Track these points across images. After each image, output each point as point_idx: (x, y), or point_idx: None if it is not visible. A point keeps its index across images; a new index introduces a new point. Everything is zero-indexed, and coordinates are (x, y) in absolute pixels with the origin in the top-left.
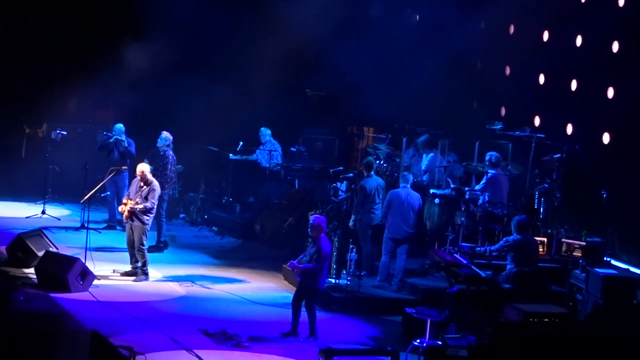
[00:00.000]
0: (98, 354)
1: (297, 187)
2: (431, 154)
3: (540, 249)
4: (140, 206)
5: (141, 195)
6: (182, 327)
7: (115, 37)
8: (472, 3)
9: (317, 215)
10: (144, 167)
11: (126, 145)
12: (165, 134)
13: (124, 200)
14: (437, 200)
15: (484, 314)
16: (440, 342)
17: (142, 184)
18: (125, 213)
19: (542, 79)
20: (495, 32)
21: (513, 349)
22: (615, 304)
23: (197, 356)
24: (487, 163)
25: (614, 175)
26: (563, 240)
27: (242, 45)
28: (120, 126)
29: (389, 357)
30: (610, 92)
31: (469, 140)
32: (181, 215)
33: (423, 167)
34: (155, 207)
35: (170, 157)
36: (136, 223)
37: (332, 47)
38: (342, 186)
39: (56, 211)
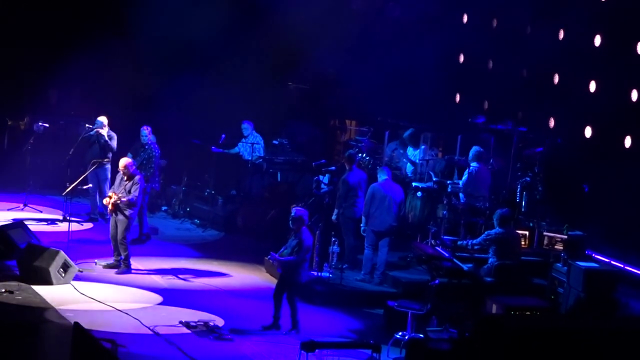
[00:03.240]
0: (80, 347)
1: (279, 180)
2: (421, 147)
3: (522, 243)
4: (125, 199)
5: (125, 189)
6: (163, 319)
7: (98, 29)
8: None
9: (299, 208)
10: (126, 162)
11: (106, 139)
12: (145, 129)
13: (109, 194)
14: (419, 194)
15: (466, 307)
16: (422, 335)
17: (125, 178)
18: (110, 207)
19: (524, 72)
20: (478, 26)
21: (495, 342)
22: (597, 297)
23: (179, 348)
24: (470, 157)
25: (595, 169)
26: (545, 233)
27: (225, 38)
28: (102, 119)
29: (371, 350)
30: (592, 86)
31: (452, 133)
32: (163, 208)
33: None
34: (139, 200)
35: (157, 150)
36: (120, 217)
37: (314, 41)
38: (325, 179)
39: (38, 203)
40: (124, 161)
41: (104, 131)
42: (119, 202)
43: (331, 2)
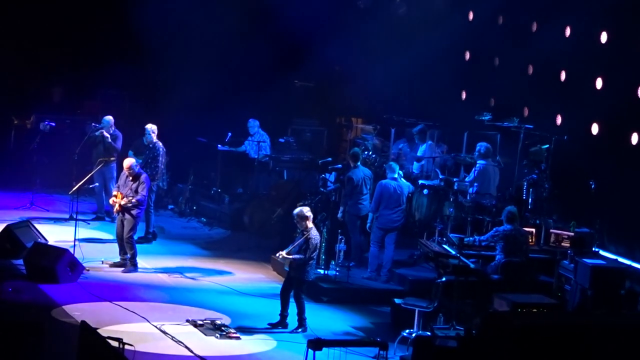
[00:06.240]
0: (87, 345)
1: (285, 178)
2: (428, 143)
3: (529, 240)
4: (134, 200)
5: (131, 189)
6: (170, 318)
7: (103, 28)
8: None
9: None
10: (130, 162)
11: (110, 140)
12: (150, 127)
13: (114, 192)
14: (425, 191)
15: (473, 304)
16: (429, 333)
17: (130, 178)
18: (117, 207)
19: (531, 69)
20: (484, 23)
21: (502, 339)
22: (604, 294)
23: (186, 347)
24: (477, 154)
25: (602, 166)
26: (551, 230)
27: (231, 36)
28: (108, 119)
29: (378, 348)
30: (599, 83)
31: (458, 131)
32: (170, 207)
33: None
34: (146, 199)
35: (161, 149)
36: (127, 216)
37: (320, 38)
38: (331, 177)
39: (44, 202)
40: (128, 162)
41: (110, 131)
42: (129, 204)
43: (337, 0)
